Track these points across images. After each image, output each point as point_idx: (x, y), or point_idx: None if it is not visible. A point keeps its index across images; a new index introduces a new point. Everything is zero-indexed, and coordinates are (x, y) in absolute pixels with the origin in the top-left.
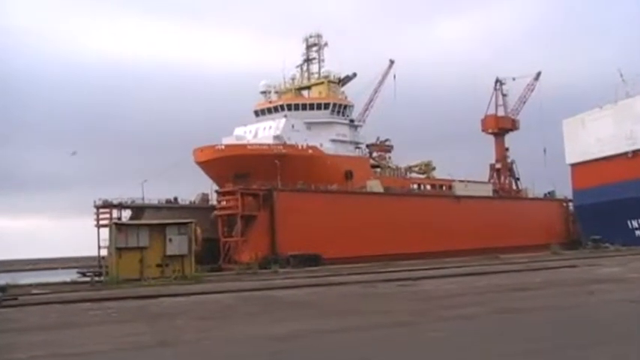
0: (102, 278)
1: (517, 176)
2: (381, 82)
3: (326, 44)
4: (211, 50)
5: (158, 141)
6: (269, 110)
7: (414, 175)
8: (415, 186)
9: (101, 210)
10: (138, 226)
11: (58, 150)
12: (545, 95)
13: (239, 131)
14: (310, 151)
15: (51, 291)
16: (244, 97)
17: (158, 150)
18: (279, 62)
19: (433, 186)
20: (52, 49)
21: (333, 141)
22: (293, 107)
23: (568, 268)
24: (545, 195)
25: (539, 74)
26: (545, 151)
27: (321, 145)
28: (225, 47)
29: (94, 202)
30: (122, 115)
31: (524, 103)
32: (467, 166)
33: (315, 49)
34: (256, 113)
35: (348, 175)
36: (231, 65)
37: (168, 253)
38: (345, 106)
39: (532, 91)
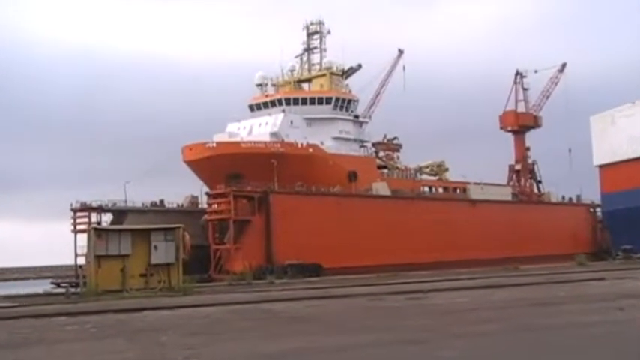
0: (79, 289)
1: (539, 179)
2: (388, 74)
3: (328, 32)
4: (199, 37)
5: (142, 138)
6: (265, 105)
7: (424, 176)
8: (426, 189)
9: (79, 214)
10: (120, 231)
11: (29, 147)
12: (570, 89)
13: (232, 127)
14: (310, 149)
15: (21, 303)
16: (238, 89)
17: (143, 148)
18: (277, 51)
19: (446, 189)
20: (21, 40)
21: (336, 139)
22: (292, 101)
23: (595, 281)
24: (565, 198)
25: (564, 66)
26: (570, 151)
27: (323, 143)
28: (214, 34)
29: (71, 204)
30: (102, 110)
31: (548, 97)
32: (483, 167)
33: (316, 37)
34: (251, 108)
35: (352, 176)
36: (222, 54)
37: (153, 261)
38: (349, 101)
39: (556, 84)
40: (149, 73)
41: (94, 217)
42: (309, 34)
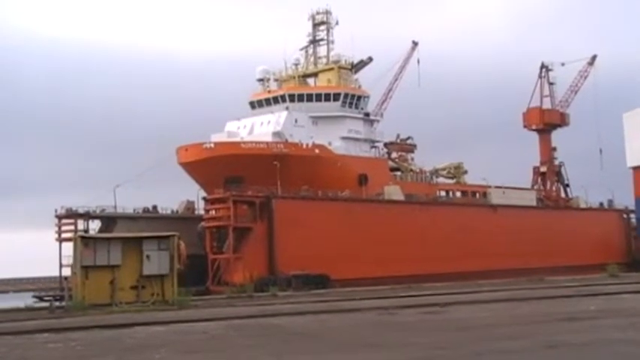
0: (64, 303)
1: (566, 182)
2: (402, 68)
3: (336, 23)
4: (194, 28)
5: (134, 138)
6: (267, 101)
7: (441, 179)
8: (443, 193)
9: (64, 220)
10: (109, 239)
11: (9, 149)
12: (600, 84)
13: (231, 126)
14: (317, 150)
15: (0, 319)
16: (238, 85)
17: (134, 149)
18: (280, 44)
19: (464, 193)
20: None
21: (345, 139)
22: (296, 98)
23: (630, 294)
24: (592, 203)
25: (594, 58)
26: (601, 151)
27: (330, 143)
28: (211, 24)
29: (56, 210)
30: (90, 109)
31: (576, 93)
32: (505, 169)
33: (323, 28)
34: (252, 105)
35: (363, 179)
36: (221, 47)
37: (146, 272)
38: (359, 97)
39: (585, 78)
40: (143, 69)
41: (80, 225)
42: (315, 25)
